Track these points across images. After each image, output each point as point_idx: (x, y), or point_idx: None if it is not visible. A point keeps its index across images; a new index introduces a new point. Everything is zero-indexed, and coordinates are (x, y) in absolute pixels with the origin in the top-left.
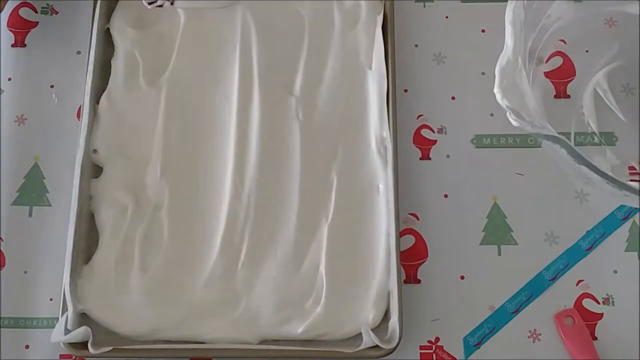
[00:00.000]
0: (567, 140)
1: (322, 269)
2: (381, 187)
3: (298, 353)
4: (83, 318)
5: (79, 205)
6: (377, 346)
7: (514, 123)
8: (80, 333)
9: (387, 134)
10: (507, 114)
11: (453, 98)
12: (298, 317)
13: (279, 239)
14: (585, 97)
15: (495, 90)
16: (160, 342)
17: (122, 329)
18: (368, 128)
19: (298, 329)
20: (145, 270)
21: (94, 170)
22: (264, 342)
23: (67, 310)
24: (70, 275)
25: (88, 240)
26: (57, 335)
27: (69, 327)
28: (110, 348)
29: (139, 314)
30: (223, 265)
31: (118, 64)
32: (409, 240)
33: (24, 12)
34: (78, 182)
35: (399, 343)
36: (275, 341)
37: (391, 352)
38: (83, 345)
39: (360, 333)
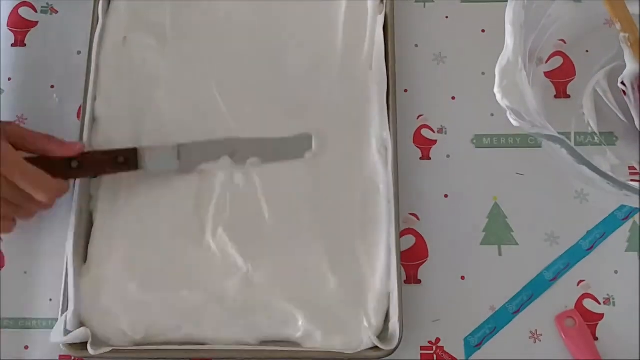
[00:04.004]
0: (567, 140)
1: (322, 269)
2: (381, 187)
3: (297, 354)
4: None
5: (78, 205)
6: (377, 347)
7: (514, 123)
8: (80, 333)
9: (387, 134)
10: (508, 114)
11: (453, 98)
12: (298, 317)
13: (279, 239)
14: (586, 97)
15: (496, 90)
16: (160, 344)
17: (118, 331)
18: (368, 128)
19: (298, 330)
20: (143, 271)
21: None
22: (263, 343)
23: (66, 310)
24: (72, 274)
25: (87, 240)
26: (57, 335)
27: (68, 327)
28: (110, 349)
29: (137, 314)
30: (222, 265)
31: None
32: (409, 241)
33: (24, 12)
34: (78, 182)
35: (399, 344)
36: (275, 342)
37: (391, 353)
38: (82, 345)
39: (360, 334)
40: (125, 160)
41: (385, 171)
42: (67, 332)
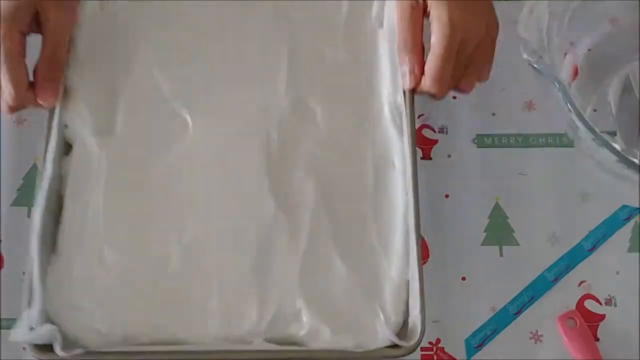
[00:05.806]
0: (564, 84)
1: (329, 255)
2: (396, 159)
3: (301, 354)
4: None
5: (47, 187)
6: (395, 345)
7: (524, 56)
8: (46, 332)
9: (401, 98)
10: (520, 47)
11: (454, 97)
12: (302, 312)
13: (279, 222)
14: (616, 78)
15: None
16: (143, 344)
17: (91, 329)
18: (379, 93)
19: (302, 327)
20: (120, 261)
21: (65, 148)
22: (267, 341)
23: (32, 304)
24: (38, 264)
25: (57, 226)
26: (19, 334)
27: (33, 325)
28: (83, 350)
29: (113, 310)
30: (212, 252)
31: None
32: None
33: None
34: (49, 161)
35: (420, 340)
36: (276, 341)
37: (412, 352)
38: (51, 347)
39: (376, 330)
40: None
41: (400, 141)
42: (32, 330)
